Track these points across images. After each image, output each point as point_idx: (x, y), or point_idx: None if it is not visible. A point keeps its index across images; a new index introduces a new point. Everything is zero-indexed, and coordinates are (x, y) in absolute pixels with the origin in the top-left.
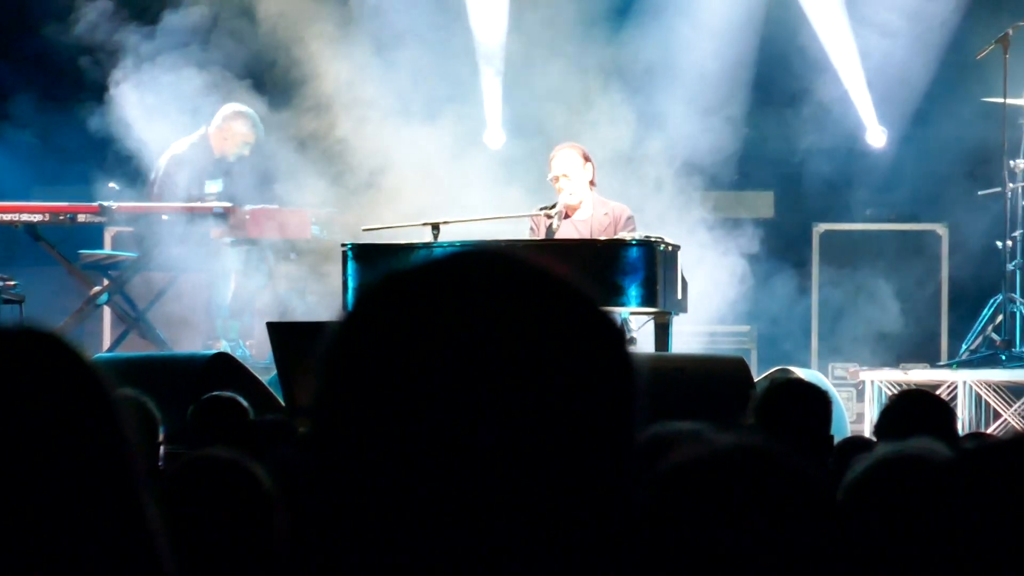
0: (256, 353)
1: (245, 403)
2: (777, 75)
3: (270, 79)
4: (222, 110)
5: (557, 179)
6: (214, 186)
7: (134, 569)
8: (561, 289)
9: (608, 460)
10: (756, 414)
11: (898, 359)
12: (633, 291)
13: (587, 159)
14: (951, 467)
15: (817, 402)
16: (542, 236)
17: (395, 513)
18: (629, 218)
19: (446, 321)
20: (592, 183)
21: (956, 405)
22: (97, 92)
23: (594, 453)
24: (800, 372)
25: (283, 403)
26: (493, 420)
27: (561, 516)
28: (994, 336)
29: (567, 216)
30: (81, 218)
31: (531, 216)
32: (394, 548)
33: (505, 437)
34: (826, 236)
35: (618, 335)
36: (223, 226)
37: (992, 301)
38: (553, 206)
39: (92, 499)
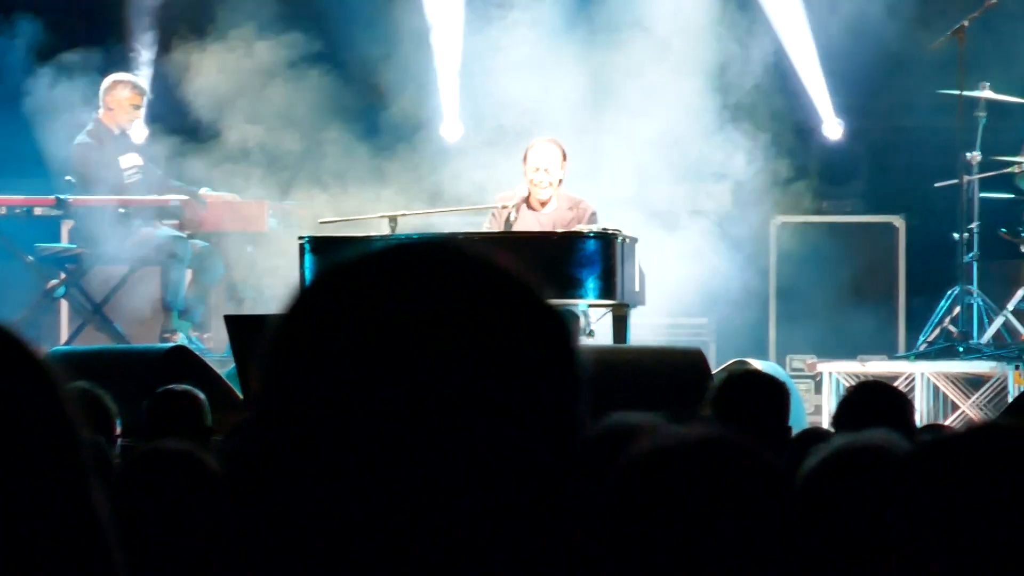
0: (213, 346)
1: (201, 396)
2: (734, 62)
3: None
4: (102, 86)
5: (536, 170)
6: (130, 159)
7: (82, 564)
8: (503, 280)
9: (552, 453)
10: (713, 405)
11: (855, 351)
12: (591, 283)
13: (565, 157)
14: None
15: (774, 393)
16: (501, 228)
17: (336, 506)
18: (593, 214)
19: (387, 313)
20: (561, 181)
21: (914, 397)
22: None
23: (537, 446)
24: (758, 364)
25: (241, 396)
26: (433, 414)
27: (506, 510)
28: (951, 328)
29: (531, 208)
30: (38, 211)
31: (491, 208)
32: (336, 541)
33: (447, 431)
34: (783, 228)
35: (561, 326)
36: (180, 218)
37: (949, 293)
38: (512, 197)
39: (39, 494)
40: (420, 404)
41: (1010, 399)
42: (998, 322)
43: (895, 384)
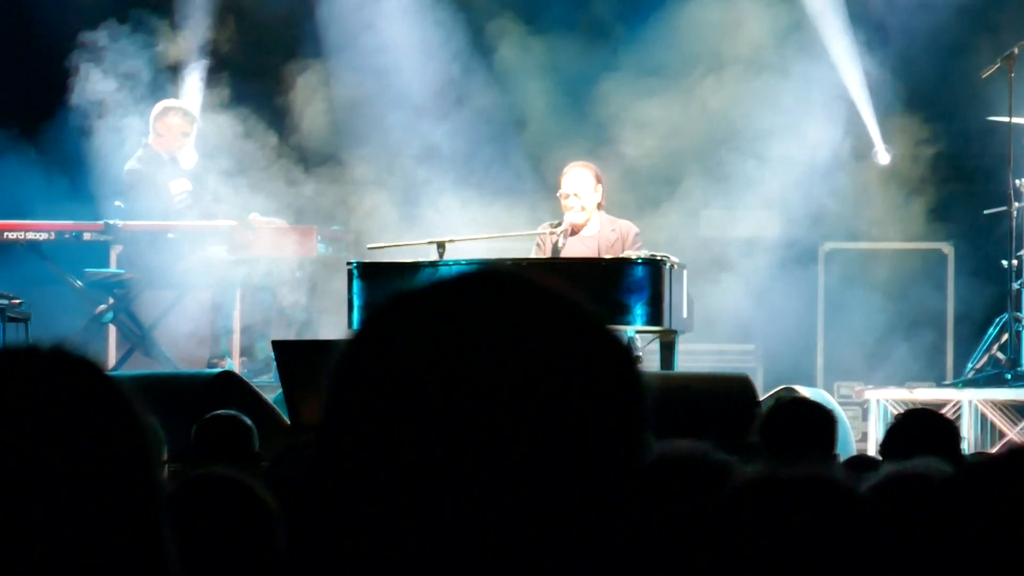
0: (260, 371)
1: (248, 421)
2: (783, 89)
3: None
4: (152, 112)
5: (567, 196)
6: (180, 184)
7: None
8: (569, 309)
9: (617, 480)
10: (761, 433)
11: (903, 378)
12: (639, 309)
13: (599, 180)
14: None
15: (822, 421)
16: (548, 254)
17: (401, 533)
18: (636, 235)
19: (454, 341)
20: (600, 204)
21: (961, 424)
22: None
23: (604, 473)
24: (805, 391)
25: (288, 421)
26: (502, 441)
27: (572, 537)
28: (999, 355)
29: (573, 233)
30: (86, 236)
31: (537, 234)
32: (399, 569)
33: (514, 457)
34: (831, 255)
35: (627, 355)
36: (229, 243)
37: (997, 320)
38: (559, 223)
39: (117, 524)
40: (488, 431)
41: None
42: None
43: (943, 411)
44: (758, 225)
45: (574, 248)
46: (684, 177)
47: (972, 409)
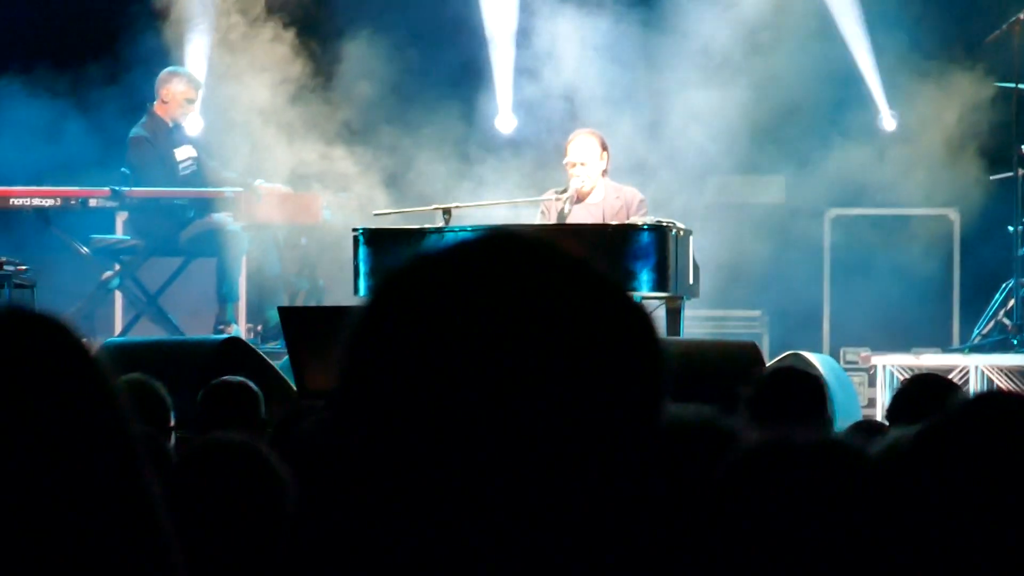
0: (266, 338)
1: (255, 388)
2: (788, 56)
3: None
4: (157, 80)
5: (573, 164)
6: (185, 151)
7: (140, 557)
8: (588, 275)
9: (637, 445)
10: (750, 405)
11: (910, 344)
12: (645, 276)
13: (604, 148)
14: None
15: (812, 389)
16: (552, 220)
17: (417, 499)
18: (641, 201)
19: (473, 306)
20: (605, 172)
21: (968, 390)
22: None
23: (624, 439)
24: (812, 357)
25: (295, 388)
26: (522, 407)
27: (591, 501)
28: (1005, 321)
29: (579, 200)
30: (92, 203)
31: (542, 200)
32: (415, 534)
33: (532, 421)
34: (837, 221)
35: (644, 318)
36: (235, 210)
37: (1004, 286)
38: (564, 190)
39: (93, 487)
40: (506, 395)
41: None
42: None
43: (949, 377)
44: (764, 191)
45: (579, 215)
46: (691, 143)
47: (979, 374)
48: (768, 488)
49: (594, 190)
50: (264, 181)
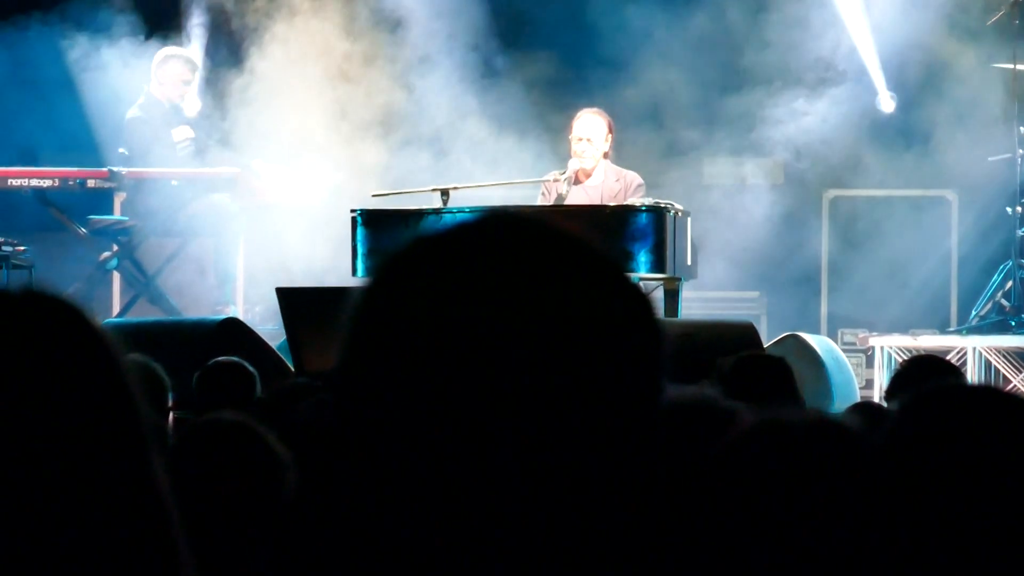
0: (264, 318)
1: (251, 368)
2: (789, 39)
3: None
4: (154, 61)
5: (579, 140)
6: (182, 132)
7: (144, 536)
8: (587, 255)
9: (637, 426)
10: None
11: (907, 325)
12: (643, 257)
13: (611, 130)
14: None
15: (781, 373)
16: (552, 202)
17: (418, 479)
18: (639, 185)
19: (473, 288)
20: (607, 154)
21: (965, 371)
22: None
23: (623, 419)
24: (809, 338)
25: (293, 368)
26: (521, 388)
27: (590, 480)
28: (1003, 302)
29: (578, 181)
30: (91, 183)
31: (542, 181)
32: (415, 515)
33: (533, 401)
34: (836, 202)
35: (645, 302)
36: (233, 190)
37: (1002, 267)
38: (564, 171)
39: (101, 465)
40: (505, 377)
41: None
42: None
43: (947, 358)
44: (762, 173)
45: (578, 197)
46: (689, 124)
47: (976, 356)
48: (762, 467)
49: (594, 172)
50: (262, 161)
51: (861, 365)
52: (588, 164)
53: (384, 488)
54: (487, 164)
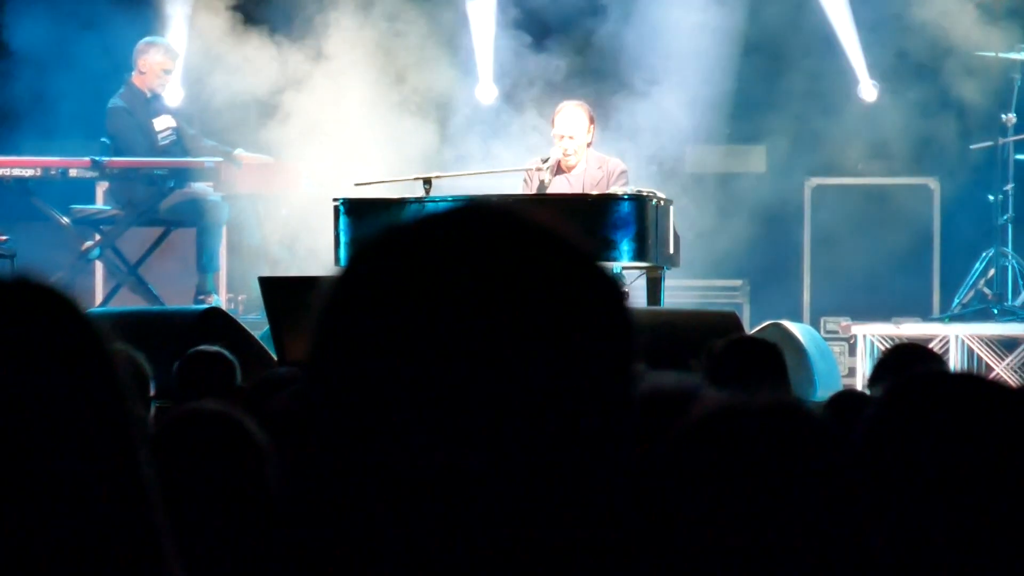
0: (247, 308)
1: (231, 356)
2: (769, 28)
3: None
4: (135, 50)
5: (562, 137)
6: (164, 121)
7: (130, 524)
8: (559, 245)
9: (609, 416)
10: (709, 375)
11: (890, 313)
12: (625, 245)
13: (592, 120)
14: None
15: (770, 356)
16: (534, 191)
17: (390, 468)
18: (622, 172)
19: (442, 276)
20: (590, 144)
21: (948, 359)
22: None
23: (594, 410)
24: (792, 326)
25: (275, 358)
26: (490, 377)
27: (562, 469)
28: (986, 290)
29: (560, 171)
30: (73, 172)
31: (524, 170)
32: (388, 502)
33: (502, 392)
34: (818, 191)
35: (616, 291)
36: (215, 180)
37: (984, 255)
38: (547, 159)
39: (87, 453)
40: (475, 366)
41: None
42: None
43: (929, 346)
44: (744, 161)
45: (560, 186)
46: (671, 112)
47: (959, 344)
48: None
49: (579, 163)
50: (243, 151)
51: (844, 353)
52: (572, 160)
53: (354, 477)
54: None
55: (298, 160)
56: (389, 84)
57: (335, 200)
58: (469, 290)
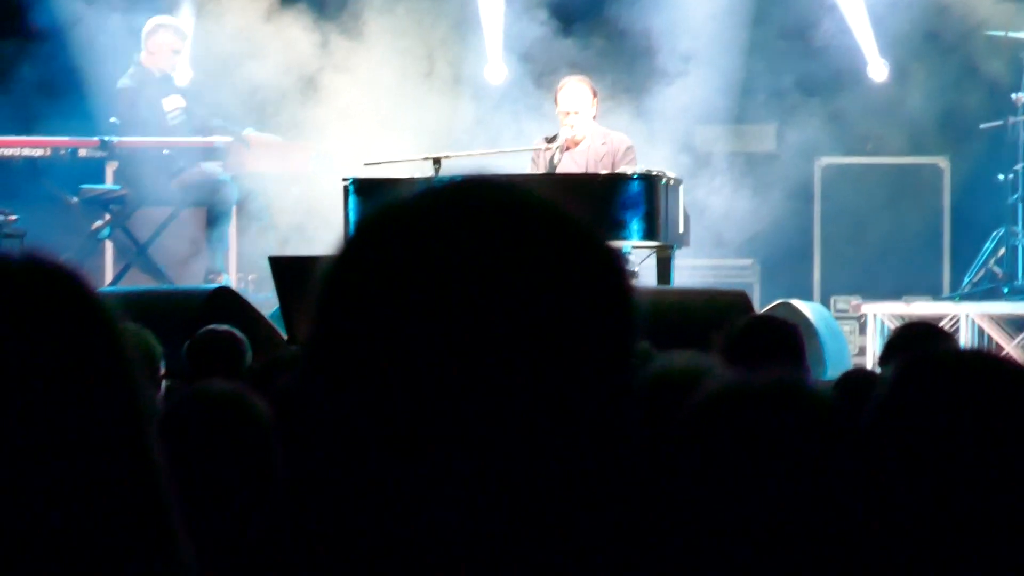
0: (257, 287)
1: (241, 336)
2: (779, 6)
3: None
4: (144, 30)
5: (567, 114)
6: (173, 101)
7: (139, 504)
8: (560, 220)
9: (608, 393)
10: (726, 353)
11: (900, 292)
12: (635, 224)
13: (595, 94)
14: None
15: (788, 336)
16: (543, 170)
17: (390, 446)
18: (628, 148)
19: (440, 252)
20: (595, 117)
21: (958, 338)
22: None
23: (594, 387)
24: (802, 305)
25: (285, 337)
26: (489, 352)
27: (562, 447)
28: (996, 269)
29: (567, 149)
30: (82, 153)
31: (533, 149)
32: (388, 481)
33: (502, 368)
34: (828, 170)
35: (618, 267)
36: (225, 159)
37: (994, 234)
38: (554, 138)
39: (98, 432)
40: (476, 343)
41: None
42: None
43: (940, 325)
44: (755, 140)
45: (567, 164)
46: (681, 91)
47: (969, 323)
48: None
49: (584, 138)
50: (253, 129)
51: (854, 332)
52: (580, 134)
53: (353, 459)
54: None
55: (321, 141)
56: (415, 65)
57: (344, 180)
58: (466, 266)
